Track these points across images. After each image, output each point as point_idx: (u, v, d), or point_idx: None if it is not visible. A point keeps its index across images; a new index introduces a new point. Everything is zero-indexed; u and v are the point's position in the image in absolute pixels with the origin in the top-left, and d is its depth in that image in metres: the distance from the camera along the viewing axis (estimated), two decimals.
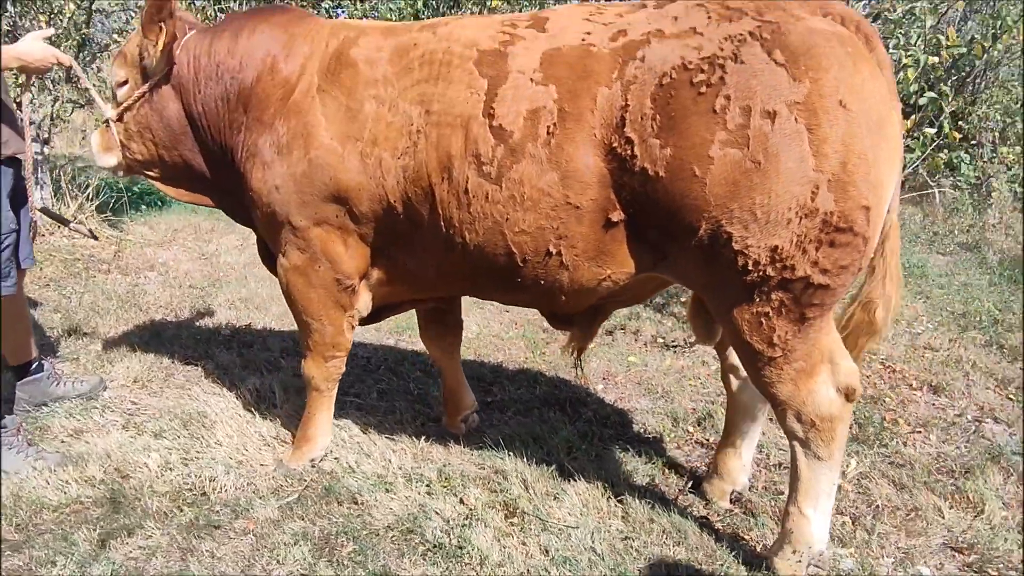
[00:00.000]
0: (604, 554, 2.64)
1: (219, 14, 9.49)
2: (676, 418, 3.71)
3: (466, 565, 2.60)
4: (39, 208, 3.56)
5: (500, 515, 2.86)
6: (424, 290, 2.95)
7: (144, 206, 7.82)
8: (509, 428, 3.52)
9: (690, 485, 3.13)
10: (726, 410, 3.02)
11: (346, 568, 2.58)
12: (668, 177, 2.16)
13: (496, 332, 4.89)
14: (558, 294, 2.55)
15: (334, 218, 2.75)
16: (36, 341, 3.77)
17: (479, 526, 2.76)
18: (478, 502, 2.91)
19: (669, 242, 2.30)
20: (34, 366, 3.67)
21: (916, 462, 3.34)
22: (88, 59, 6.69)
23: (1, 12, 4.60)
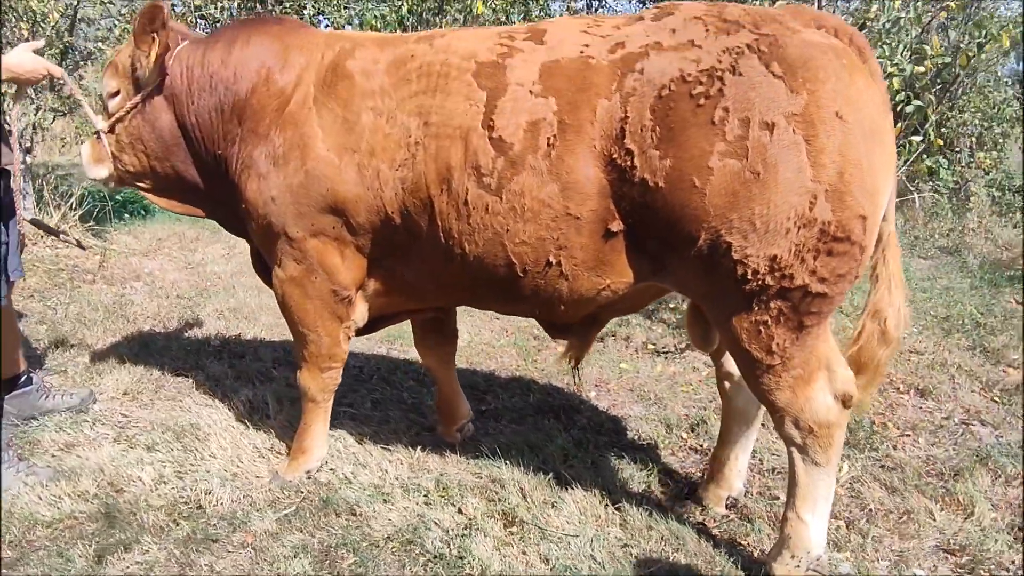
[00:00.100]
0: (604, 562, 2.66)
1: (199, 21, 9.47)
2: (670, 424, 3.73)
3: None
4: (29, 219, 3.52)
5: (499, 524, 2.86)
6: (421, 300, 2.95)
7: (127, 215, 7.74)
8: (504, 437, 3.52)
9: (686, 491, 3.15)
10: (721, 416, 3.04)
11: None
12: (668, 188, 2.19)
13: (487, 340, 4.90)
14: (557, 304, 2.56)
15: (331, 229, 2.74)
16: (23, 353, 3.73)
17: (479, 536, 2.76)
18: (476, 511, 2.92)
19: (668, 252, 2.32)
20: (23, 379, 3.63)
21: (906, 465, 3.38)
22: (71, 68, 6.62)
23: None
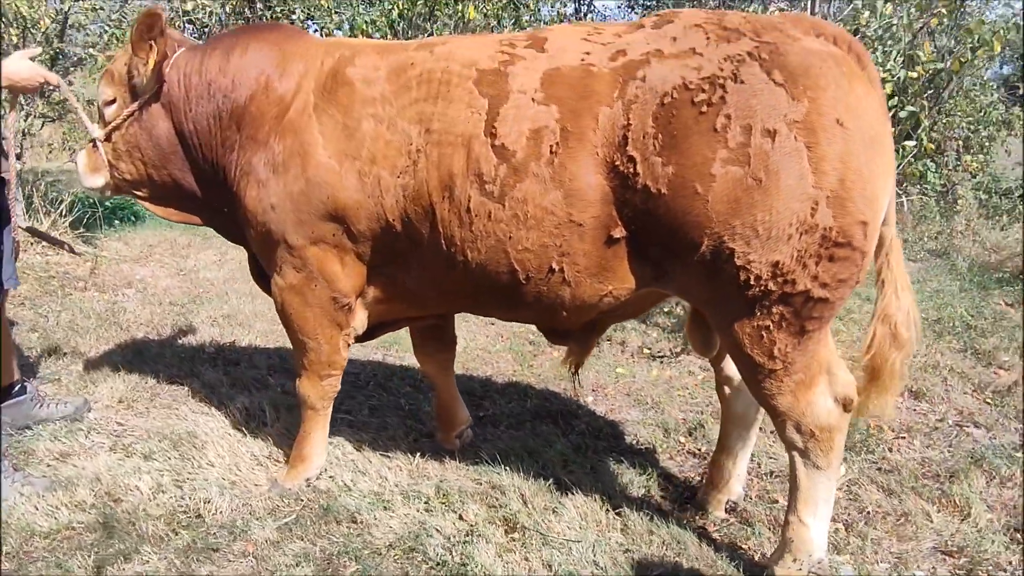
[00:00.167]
0: (607, 567, 2.66)
1: (187, 26, 9.43)
2: (667, 429, 3.74)
3: None
4: (24, 227, 3.50)
5: (500, 531, 2.86)
6: (422, 307, 2.95)
7: (117, 221, 7.69)
8: (503, 443, 3.52)
9: (686, 496, 3.16)
10: (720, 421, 3.05)
11: None
12: (670, 194, 2.20)
13: (483, 345, 4.90)
14: (559, 310, 2.57)
15: (331, 237, 2.74)
16: (16, 362, 3.69)
17: (481, 542, 2.76)
18: (478, 518, 2.91)
19: (671, 258, 2.33)
20: (16, 388, 3.59)
21: (902, 467, 3.41)
22: (61, 74, 6.57)
23: None
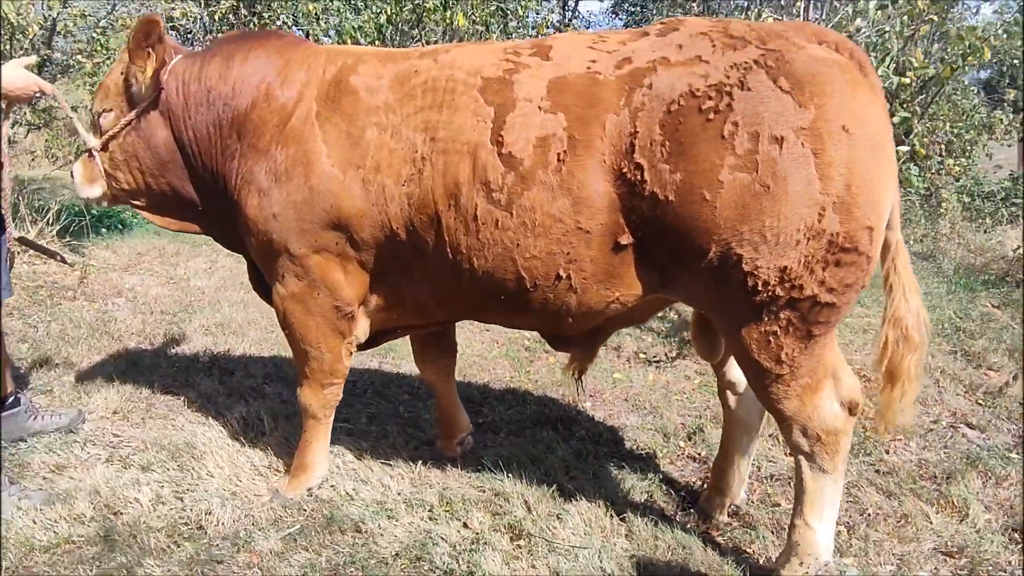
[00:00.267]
0: (614, 573, 2.66)
1: (170, 32, 9.39)
2: (667, 433, 3.75)
3: None
4: (17, 238, 3.45)
5: (506, 538, 2.86)
6: (424, 315, 2.94)
7: (104, 229, 7.59)
8: (504, 449, 3.52)
9: (688, 500, 3.17)
10: (723, 425, 3.07)
11: None
12: (678, 201, 2.21)
13: (479, 352, 4.89)
14: (565, 317, 2.57)
15: (334, 245, 2.73)
16: (10, 374, 3.64)
17: (487, 550, 2.75)
18: (482, 526, 2.91)
19: (678, 264, 2.34)
20: (10, 400, 3.55)
21: (900, 469, 3.44)
22: (48, 80, 6.50)
23: None
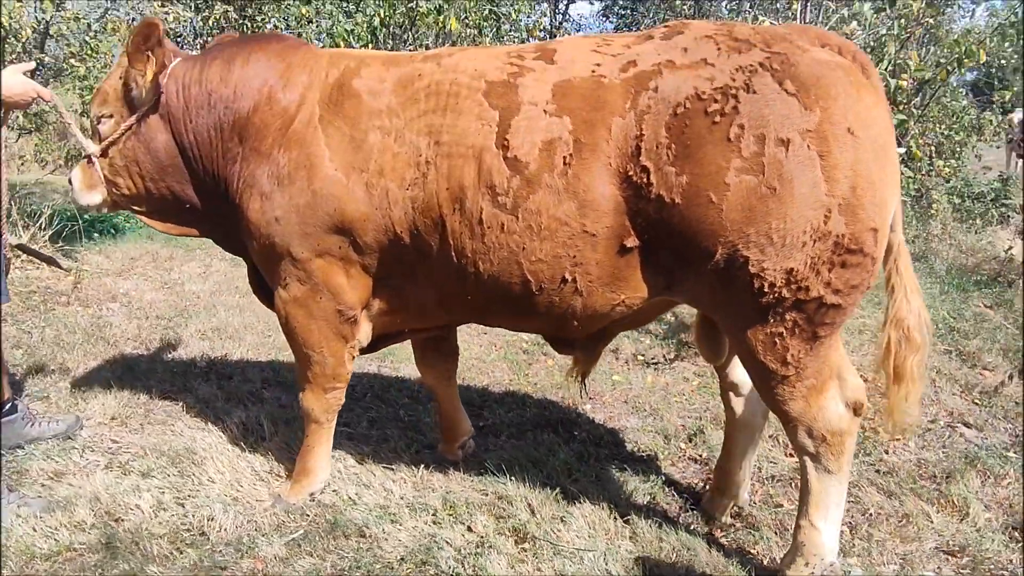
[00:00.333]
0: (620, 575, 2.66)
1: None
2: (667, 435, 3.76)
3: None
4: (14, 244, 3.43)
5: (510, 541, 2.85)
6: (427, 319, 2.93)
7: (96, 234, 7.54)
8: (506, 452, 3.51)
9: (691, 502, 3.18)
10: (725, 427, 3.07)
11: None
12: (684, 204, 2.22)
13: (477, 355, 4.89)
14: (570, 320, 2.57)
15: (337, 249, 2.72)
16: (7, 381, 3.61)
17: (492, 554, 2.75)
18: (487, 529, 2.90)
19: (684, 266, 2.35)
20: (7, 407, 3.51)
21: (900, 469, 3.46)
22: (42, 84, 6.46)
23: None
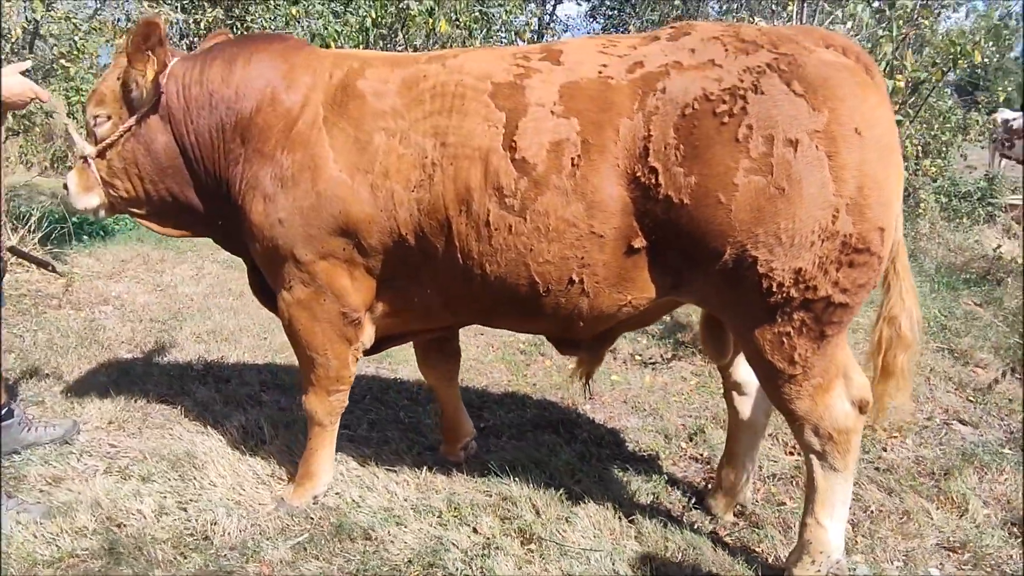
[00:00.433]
0: (627, 575, 2.67)
1: None
2: (668, 435, 3.77)
3: None
4: (8, 247, 3.39)
5: (516, 542, 2.86)
6: (432, 320, 2.93)
7: (86, 236, 7.45)
8: (508, 453, 3.51)
9: (694, 501, 3.19)
10: (728, 426, 3.09)
11: None
12: (693, 204, 2.23)
13: (475, 356, 4.88)
14: (576, 321, 2.58)
15: (341, 251, 2.71)
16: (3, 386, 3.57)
17: (499, 555, 2.75)
18: (492, 530, 2.90)
19: (692, 267, 2.36)
20: (3, 412, 3.47)
21: (899, 466, 3.49)
22: None
23: None
